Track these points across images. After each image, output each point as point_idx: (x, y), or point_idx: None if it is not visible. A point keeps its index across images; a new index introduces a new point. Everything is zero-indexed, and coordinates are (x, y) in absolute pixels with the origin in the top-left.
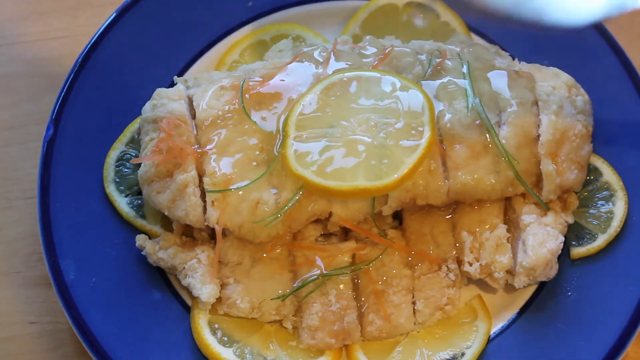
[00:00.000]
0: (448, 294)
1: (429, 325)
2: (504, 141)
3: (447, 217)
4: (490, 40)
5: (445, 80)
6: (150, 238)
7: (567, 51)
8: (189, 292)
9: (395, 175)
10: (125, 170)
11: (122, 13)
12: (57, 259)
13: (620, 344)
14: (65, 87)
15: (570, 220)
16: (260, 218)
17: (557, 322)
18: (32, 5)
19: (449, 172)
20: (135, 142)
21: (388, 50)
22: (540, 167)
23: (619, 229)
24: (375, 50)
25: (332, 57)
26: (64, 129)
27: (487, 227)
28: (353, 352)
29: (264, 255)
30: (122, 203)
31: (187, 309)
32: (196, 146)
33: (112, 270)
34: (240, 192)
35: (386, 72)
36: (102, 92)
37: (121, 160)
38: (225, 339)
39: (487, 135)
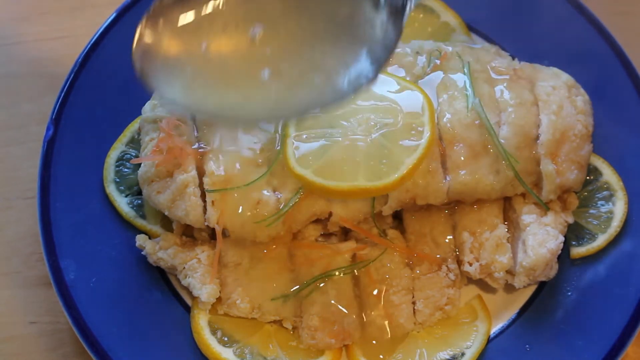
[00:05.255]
0: (448, 294)
1: (429, 325)
2: (503, 141)
3: (447, 217)
4: (490, 40)
5: (445, 80)
6: (150, 238)
7: (567, 51)
8: (189, 292)
9: (395, 175)
10: (125, 170)
11: (122, 13)
12: (57, 259)
13: (620, 344)
14: (65, 87)
15: (570, 220)
16: (261, 218)
17: (557, 322)
18: (32, 5)
19: (449, 172)
20: (135, 142)
21: None
22: (540, 167)
23: (619, 229)
24: None
25: None
26: (64, 129)
27: (487, 227)
28: (353, 352)
29: (264, 255)
30: (122, 203)
31: (187, 309)
32: (196, 146)
33: (112, 270)
34: (240, 193)
35: (386, 72)
36: (102, 92)
37: (121, 160)
38: (225, 339)
39: (487, 135)
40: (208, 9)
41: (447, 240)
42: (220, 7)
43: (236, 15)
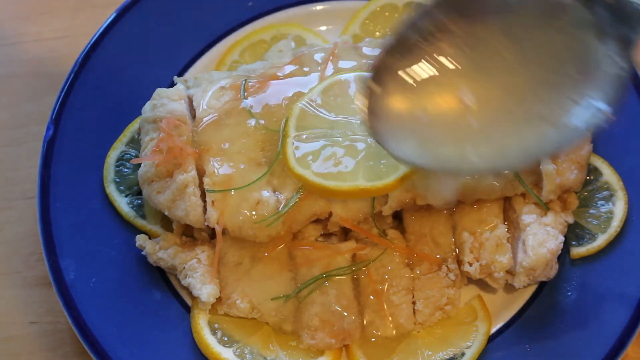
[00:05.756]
0: (448, 294)
1: (429, 325)
2: None
3: (447, 217)
4: None
5: None
6: (150, 238)
7: None
8: (189, 292)
9: (395, 175)
10: (125, 170)
11: (122, 13)
12: (57, 259)
13: (620, 344)
14: (65, 87)
15: (570, 220)
16: (261, 218)
17: (557, 322)
18: (32, 5)
19: None
20: (135, 142)
21: None
22: (540, 167)
23: (619, 229)
24: (376, 50)
25: (332, 58)
26: (64, 129)
27: (487, 227)
28: (353, 352)
29: (264, 255)
30: (122, 203)
31: (187, 309)
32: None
33: (112, 270)
34: (240, 193)
35: None
36: (102, 92)
37: (121, 160)
38: (225, 339)
39: None
40: (430, 65)
41: (447, 241)
42: (442, 62)
43: (455, 71)
